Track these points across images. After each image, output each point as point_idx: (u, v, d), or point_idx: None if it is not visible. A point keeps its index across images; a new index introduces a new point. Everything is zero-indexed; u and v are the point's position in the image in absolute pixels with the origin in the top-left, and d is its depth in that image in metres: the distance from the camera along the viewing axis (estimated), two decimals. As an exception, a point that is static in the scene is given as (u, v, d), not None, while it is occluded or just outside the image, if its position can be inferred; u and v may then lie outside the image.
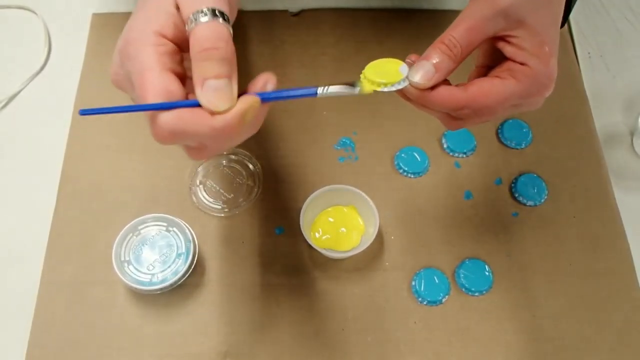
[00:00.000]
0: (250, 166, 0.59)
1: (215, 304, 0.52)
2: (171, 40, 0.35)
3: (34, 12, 0.68)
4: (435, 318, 0.52)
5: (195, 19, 0.33)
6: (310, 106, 0.61)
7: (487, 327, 0.52)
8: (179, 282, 0.51)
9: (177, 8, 0.35)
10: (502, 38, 0.39)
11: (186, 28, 0.34)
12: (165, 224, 0.53)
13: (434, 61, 0.38)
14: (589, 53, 0.68)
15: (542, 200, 0.58)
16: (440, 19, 0.68)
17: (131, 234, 0.52)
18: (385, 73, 0.38)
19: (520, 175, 0.59)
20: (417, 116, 0.62)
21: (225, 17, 0.34)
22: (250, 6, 0.66)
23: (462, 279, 0.53)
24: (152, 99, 0.33)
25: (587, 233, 0.57)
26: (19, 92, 0.63)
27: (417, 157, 0.59)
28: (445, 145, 0.60)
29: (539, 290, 0.54)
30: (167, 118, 0.33)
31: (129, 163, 0.58)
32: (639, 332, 0.52)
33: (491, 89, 0.38)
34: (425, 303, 0.53)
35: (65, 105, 0.61)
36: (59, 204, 0.56)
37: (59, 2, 0.68)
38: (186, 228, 0.52)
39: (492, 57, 0.41)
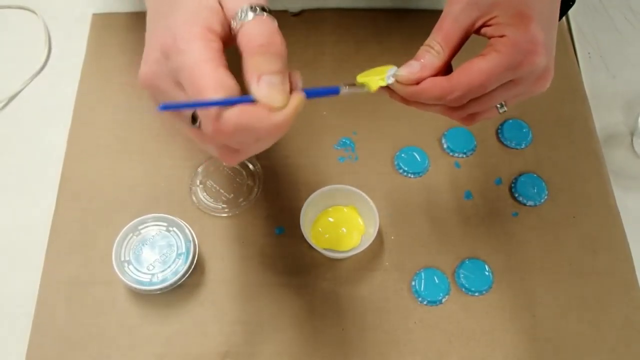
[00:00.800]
0: (250, 166, 0.59)
1: (215, 304, 0.52)
2: (220, 37, 0.34)
3: (34, 12, 0.68)
4: (435, 318, 0.52)
5: (243, 16, 0.33)
6: (311, 106, 0.61)
7: (487, 327, 0.52)
8: (179, 282, 0.51)
9: (219, 4, 0.35)
10: (483, 25, 0.39)
11: (232, 25, 0.34)
12: (165, 224, 0.53)
13: (417, 56, 0.39)
14: (589, 53, 0.68)
15: (542, 200, 0.58)
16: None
17: (131, 234, 0.52)
18: (375, 73, 0.41)
19: (520, 175, 0.59)
20: (417, 116, 0.62)
21: (270, 12, 0.34)
22: (250, 6, 0.66)
23: (462, 279, 0.53)
24: (212, 92, 0.32)
25: (587, 233, 0.57)
26: (19, 92, 0.63)
27: (417, 157, 0.59)
28: (445, 145, 0.60)
29: (539, 290, 0.54)
30: (232, 113, 0.32)
31: (129, 163, 0.58)
32: (639, 332, 0.52)
33: (473, 66, 0.38)
34: (425, 303, 0.53)
35: (65, 105, 0.61)
36: (59, 204, 0.56)
37: (59, 2, 0.68)
38: (186, 228, 0.52)
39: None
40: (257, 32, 0.33)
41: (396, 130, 0.61)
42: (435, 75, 0.39)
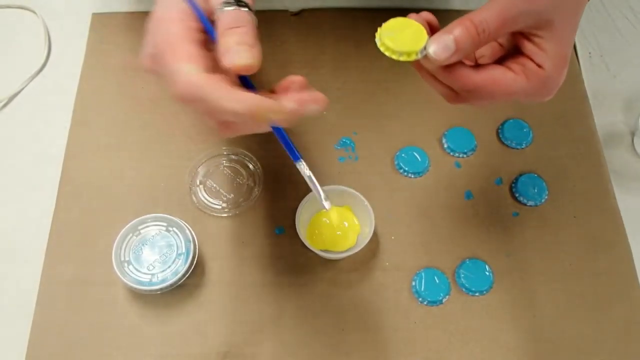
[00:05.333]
0: (250, 166, 0.59)
1: (215, 304, 0.52)
2: (196, 20, 0.38)
3: (34, 12, 0.67)
4: (435, 318, 0.52)
5: (222, 8, 0.37)
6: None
7: (487, 327, 0.52)
8: (179, 282, 0.51)
9: None
10: (525, 35, 0.39)
11: (214, 17, 0.37)
12: (165, 224, 0.53)
13: (456, 36, 0.37)
14: (589, 53, 0.68)
15: (543, 200, 0.58)
16: (440, 19, 0.68)
17: (131, 234, 0.52)
18: (403, 40, 0.38)
19: (520, 175, 0.59)
20: (417, 116, 0.62)
21: (249, 7, 0.37)
22: (250, 6, 0.66)
23: (462, 279, 0.53)
24: (180, 59, 0.35)
25: (587, 233, 0.56)
26: (19, 92, 0.63)
27: (417, 157, 0.59)
28: (445, 145, 0.60)
29: (539, 290, 0.54)
30: (195, 75, 0.35)
31: (129, 163, 0.58)
32: (639, 332, 0.52)
33: (502, 80, 0.38)
34: (425, 303, 0.53)
35: (65, 105, 0.61)
36: (59, 204, 0.56)
37: (59, 2, 0.68)
38: (186, 228, 0.52)
39: (508, 44, 0.41)
40: (228, 18, 0.37)
41: (396, 130, 0.61)
42: None
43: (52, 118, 0.61)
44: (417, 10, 0.68)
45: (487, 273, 0.54)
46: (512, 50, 0.41)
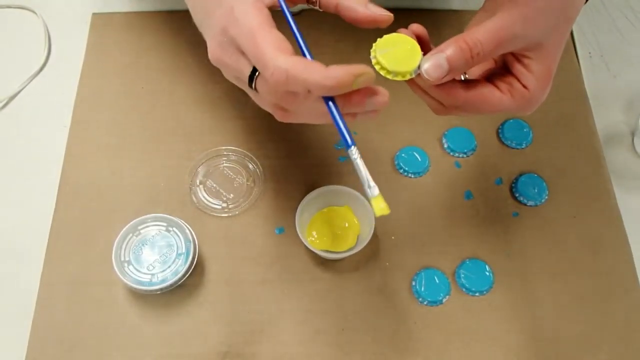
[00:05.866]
0: (250, 166, 0.59)
1: (215, 304, 0.52)
2: (268, 7, 0.39)
3: (34, 12, 0.68)
4: (435, 318, 0.52)
5: None
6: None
7: (487, 327, 0.52)
8: (179, 282, 0.51)
9: None
10: (515, 55, 0.40)
11: None
12: (165, 224, 0.53)
13: (449, 56, 0.38)
14: (589, 53, 0.68)
15: (543, 200, 0.58)
16: (440, 19, 0.68)
17: (131, 234, 0.52)
18: (397, 59, 0.39)
19: (520, 175, 0.59)
20: (417, 116, 0.62)
21: None
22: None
23: (462, 279, 0.53)
24: (271, 50, 0.35)
25: (587, 233, 0.56)
26: (18, 92, 0.63)
27: (418, 157, 0.59)
28: (445, 145, 0.60)
29: (539, 290, 0.54)
30: (286, 61, 0.35)
31: (129, 163, 0.58)
32: (639, 332, 0.52)
33: (490, 98, 0.40)
34: (425, 303, 0.53)
35: (65, 105, 0.61)
36: (59, 204, 0.56)
37: (59, 2, 0.68)
38: (186, 228, 0.52)
39: (498, 59, 0.43)
40: None
41: (396, 130, 0.61)
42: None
43: (52, 118, 0.61)
44: (417, 10, 0.69)
45: (487, 273, 0.54)
46: (500, 65, 0.42)
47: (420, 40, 0.41)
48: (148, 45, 0.65)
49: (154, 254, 0.51)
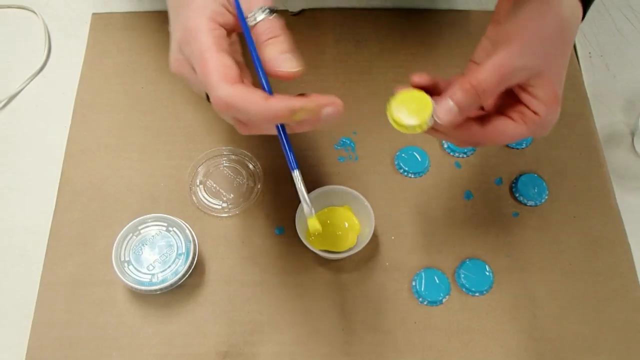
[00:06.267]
0: (250, 166, 0.59)
1: (215, 304, 0.52)
2: (222, 26, 0.39)
3: (34, 12, 0.68)
4: (435, 318, 0.52)
5: (254, 17, 0.39)
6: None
7: (487, 327, 0.52)
8: (179, 282, 0.51)
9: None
10: (520, 85, 0.42)
11: (248, 22, 0.39)
12: (165, 224, 0.53)
13: (458, 100, 0.40)
14: (589, 53, 0.68)
15: (543, 200, 0.58)
16: (440, 19, 0.68)
17: (131, 234, 0.52)
18: (411, 113, 0.41)
19: (520, 175, 0.59)
20: (417, 116, 0.62)
21: (277, 11, 0.40)
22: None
23: (462, 279, 0.53)
24: (213, 74, 0.37)
25: (587, 233, 0.56)
26: (19, 92, 0.63)
27: (418, 157, 0.59)
28: (445, 145, 0.60)
29: (539, 290, 0.54)
30: (226, 91, 0.37)
31: (129, 163, 0.58)
32: (639, 332, 0.52)
33: (504, 130, 0.42)
34: (425, 303, 0.53)
35: (65, 105, 0.61)
36: (59, 203, 0.56)
37: (59, 2, 0.68)
38: (186, 228, 0.52)
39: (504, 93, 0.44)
40: (264, 28, 0.39)
41: (396, 131, 0.61)
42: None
43: (52, 118, 0.61)
44: (417, 10, 0.69)
45: (487, 273, 0.54)
46: (510, 95, 0.43)
47: (427, 88, 0.43)
48: (148, 45, 0.65)
49: (154, 254, 0.51)
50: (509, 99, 0.43)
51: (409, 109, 0.41)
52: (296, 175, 0.42)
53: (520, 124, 0.42)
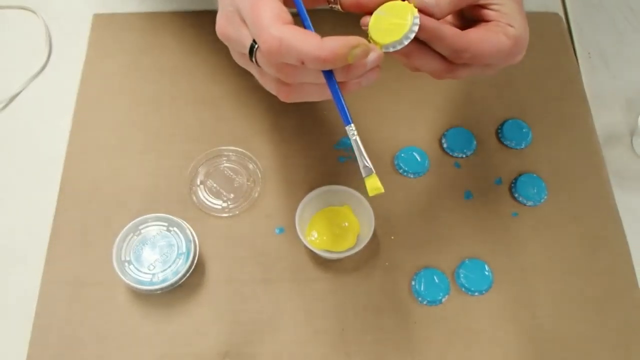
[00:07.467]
0: (250, 166, 0.59)
1: (216, 303, 0.52)
2: None
3: (34, 12, 0.68)
4: (435, 318, 0.52)
5: None
6: (311, 106, 0.61)
7: (487, 327, 0.52)
8: (180, 282, 0.51)
9: None
10: (483, 5, 0.42)
11: None
12: (165, 224, 0.53)
13: None
14: (589, 53, 0.68)
15: (542, 200, 0.58)
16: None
17: (132, 234, 0.52)
18: (390, 29, 0.39)
19: (520, 175, 0.59)
20: (417, 116, 0.62)
21: None
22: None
23: (462, 279, 0.53)
24: (265, 14, 0.36)
25: (587, 233, 0.57)
26: (19, 93, 0.63)
27: (417, 157, 0.59)
28: (445, 145, 0.60)
29: (539, 290, 0.54)
30: (280, 29, 0.35)
31: (129, 163, 0.58)
32: (639, 332, 0.52)
33: (489, 37, 0.41)
34: (425, 303, 0.53)
35: (66, 106, 0.61)
36: (59, 204, 0.56)
37: (60, 2, 0.68)
38: (187, 228, 0.52)
39: (462, 20, 0.45)
40: None
41: (396, 130, 0.61)
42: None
43: (52, 118, 0.61)
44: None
45: (487, 273, 0.54)
46: (471, 25, 0.43)
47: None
48: (149, 45, 0.65)
49: (155, 253, 0.51)
50: (482, 26, 0.43)
51: (387, 23, 0.40)
52: (351, 129, 0.40)
53: (501, 35, 0.41)
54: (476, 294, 0.53)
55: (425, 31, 0.39)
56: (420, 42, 0.41)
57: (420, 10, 0.39)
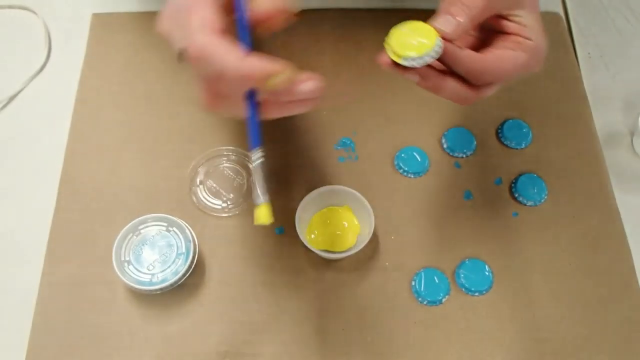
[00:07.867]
0: (251, 166, 0.59)
1: (215, 304, 0.52)
2: None
3: (34, 12, 0.68)
4: (435, 318, 0.52)
5: None
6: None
7: (487, 327, 0.52)
8: (179, 282, 0.51)
9: None
10: (504, 16, 0.42)
11: None
12: (165, 224, 0.53)
13: (453, 12, 0.40)
14: (589, 53, 0.68)
15: (542, 200, 0.58)
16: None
17: (131, 234, 0.52)
18: (413, 45, 0.39)
19: (520, 175, 0.59)
20: (417, 116, 0.62)
21: None
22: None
23: (462, 279, 0.53)
24: (195, 21, 0.36)
25: (587, 233, 0.57)
26: (19, 92, 0.63)
27: (417, 157, 0.59)
28: (445, 145, 0.60)
29: (539, 290, 0.54)
30: (204, 39, 0.35)
31: (129, 163, 0.58)
32: (639, 332, 0.52)
33: (507, 57, 0.41)
34: (425, 303, 0.53)
35: (65, 106, 0.61)
36: (59, 204, 0.56)
37: (59, 2, 0.68)
38: (186, 228, 0.52)
39: (482, 31, 0.45)
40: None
41: (396, 130, 0.61)
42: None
43: (52, 118, 0.61)
44: (417, 10, 0.68)
45: (487, 273, 0.54)
46: (492, 35, 0.43)
47: None
48: (148, 45, 0.65)
49: (154, 253, 0.51)
50: (497, 37, 0.43)
51: (411, 40, 0.40)
52: (257, 153, 0.38)
53: (519, 51, 0.41)
54: (476, 294, 0.53)
55: (445, 54, 0.40)
56: (440, 70, 0.41)
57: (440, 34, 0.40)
